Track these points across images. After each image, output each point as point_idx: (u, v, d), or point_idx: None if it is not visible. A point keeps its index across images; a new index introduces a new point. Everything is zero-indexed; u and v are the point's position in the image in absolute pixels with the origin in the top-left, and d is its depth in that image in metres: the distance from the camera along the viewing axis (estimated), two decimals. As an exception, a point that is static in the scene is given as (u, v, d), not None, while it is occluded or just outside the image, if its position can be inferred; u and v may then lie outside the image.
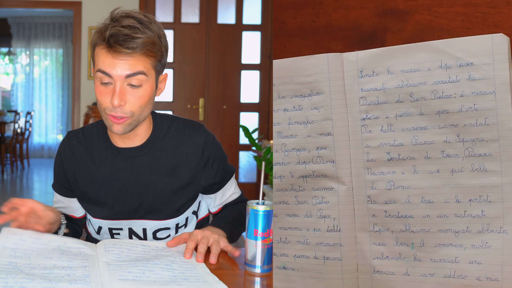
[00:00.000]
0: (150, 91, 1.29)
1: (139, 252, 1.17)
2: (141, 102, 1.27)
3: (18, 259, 1.09)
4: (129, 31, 1.22)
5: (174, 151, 1.39)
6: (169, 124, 1.42)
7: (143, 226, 1.40)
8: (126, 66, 1.23)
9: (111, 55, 1.23)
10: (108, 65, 1.23)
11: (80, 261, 1.10)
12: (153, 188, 1.38)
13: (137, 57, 1.24)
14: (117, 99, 1.23)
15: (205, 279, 1.03)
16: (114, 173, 1.38)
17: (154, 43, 1.25)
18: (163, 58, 1.31)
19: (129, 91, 1.25)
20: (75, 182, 1.41)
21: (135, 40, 1.22)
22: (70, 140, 1.43)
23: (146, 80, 1.26)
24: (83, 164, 1.40)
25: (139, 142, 1.38)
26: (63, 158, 1.43)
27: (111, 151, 1.39)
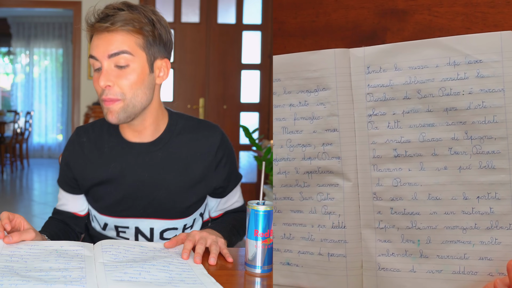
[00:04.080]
0: (141, 71, 1.25)
1: (136, 253, 1.16)
2: (130, 83, 1.24)
3: (14, 263, 1.08)
4: (111, 10, 1.24)
5: (188, 149, 1.37)
6: (184, 122, 1.40)
7: (150, 226, 1.38)
8: (108, 44, 1.23)
9: (96, 37, 1.25)
10: (93, 47, 1.25)
11: (76, 262, 1.09)
12: (165, 186, 1.36)
13: (120, 33, 1.23)
14: (103, 79, 1.23)
15: (202, 281, 1.02)
16: (125, 170, 1.35)
17: (139, 21, 1.23)
18: (155, 41, 1.27)
19: (117, 72, 1.24)
20: (83, 179, 1.39)
21: (115, 16, 1.22)
22: (79, 137, 1.40)
23: (132, 60, 1.24)
24: (92, 161, 1.37)
25: (151, 137, 1.36)
26: (70, 155, 1.40)
27: (122, 147, 1.36)
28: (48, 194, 6.59)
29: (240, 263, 1.17)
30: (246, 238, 1.13)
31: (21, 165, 8.25)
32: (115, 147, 1.37)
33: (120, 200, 1.36)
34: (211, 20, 5.49)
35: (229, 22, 5.54)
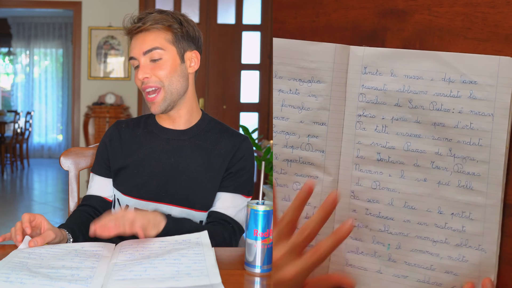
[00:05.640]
0: (173, 62, 1.42)
1: (155, 248, 1.16)
2: (166, 71, 1.41)
3: (30, 260, 1.09)
4: (143, 14, 1.43)
5: (214, 146, 1.47)
6: (216, 122, 1.53)
7: (168, 212, 1.41)
8: (142, 43, 1.41)
9: (133, 40, 1.43)
10: (131, 49, 1.43)
11: (90, 262, 1.10)
12: (187, 172, 1.44)
13: (151, 32, 1.41)
14: (141, 72, 1.40)
15: (208, 273, 1.03)
16: (154, 152, 1.47)
17: (167, 19, 1.41)
18: (183, 37, 1.43)
19: (152, 65, 1.41)
20: (115, 159, 1.49)
21: (147, 17, 1.41)
22: (118, 124, 1.56)
23: (164, 54, 1.41)
24: (127, 143, 1.50)
25: (183, 126, 1.49)
26: (109, 139, 1.53)
27: (156, 132, 1.50)
28: (48, 194, 6.59)
29: (240, 263, 1.17)
30: (245, 238, 1.13)
31: (21, 165, 8.26)
32: (149, 132, 1.51)
33: (145, 181, 1.44)
34: (211, 20, 5.49)
35: (228, 22, 5.54)
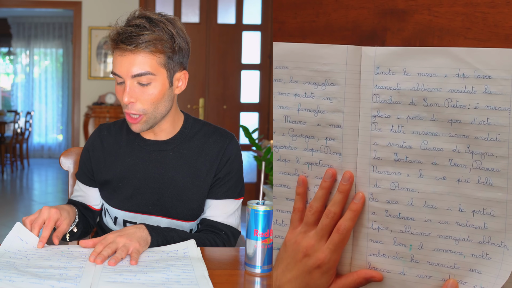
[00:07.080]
0: (162, 88, 1.32)
1: (143, 257, 1.15)
2: (152, 100, 1.32)
3: (17, 260, 1.09)
4: (135, 29, 1.28)
5: (199, 153, 1.42)
6: (199, 127, 1.46)
7: (157, 223, 1.40)
8: (131, 65, 1.28)
9: (118, 55, 1.30)
10: (116, 65, 1.31)
11: (78, 262, 1.10)
12: (173, 184, 1.40)
13: (142, 54, 1.28)
14: (127, 96, 1.30)
15: (198, 283, 1.02)
16: (137, 164, 1.42)
17: (160, 40, 1.28)
18: (175, 56, 1.33)
19: (140, 89, 1.31)
20: (99, 171, 1.45)
21: (139, 37, 1.27)
22: (101, 131, 1.49)
23: (154, 79, 1.31)
24: (109, 153, 1.45)
25: (166, 137, 1.43)
26: (91, 147, 1.47)
27: (138, 143, 1.43)
28: (48, 194, 6.59)
29: (240, 263, 1.17)
30: (246, 238, 1.13)
31: (21, 165, 8.26)
32: (131, 143, 1.44)
33: (131, 194, 1.41)
34: (211, 20, 5.49)
35: (229, 22, 5.54)
